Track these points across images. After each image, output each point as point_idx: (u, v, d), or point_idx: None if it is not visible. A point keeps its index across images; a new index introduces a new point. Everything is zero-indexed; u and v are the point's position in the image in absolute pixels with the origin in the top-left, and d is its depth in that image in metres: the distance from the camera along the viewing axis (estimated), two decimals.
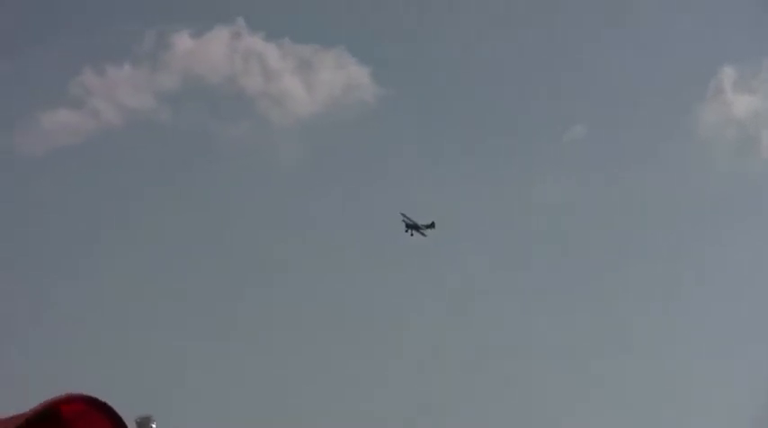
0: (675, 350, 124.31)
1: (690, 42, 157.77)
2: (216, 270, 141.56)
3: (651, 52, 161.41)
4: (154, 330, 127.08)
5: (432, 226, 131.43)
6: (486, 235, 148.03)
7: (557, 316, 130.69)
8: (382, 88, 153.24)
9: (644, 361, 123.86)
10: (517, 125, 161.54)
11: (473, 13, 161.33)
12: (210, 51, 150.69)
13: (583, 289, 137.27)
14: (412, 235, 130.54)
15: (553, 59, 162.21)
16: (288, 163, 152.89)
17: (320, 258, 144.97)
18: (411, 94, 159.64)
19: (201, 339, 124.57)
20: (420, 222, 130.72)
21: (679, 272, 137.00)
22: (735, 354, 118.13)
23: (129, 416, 21.97)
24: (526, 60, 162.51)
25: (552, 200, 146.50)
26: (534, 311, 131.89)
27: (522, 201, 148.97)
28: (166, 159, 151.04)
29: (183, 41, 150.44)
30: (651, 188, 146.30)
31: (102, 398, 21.13)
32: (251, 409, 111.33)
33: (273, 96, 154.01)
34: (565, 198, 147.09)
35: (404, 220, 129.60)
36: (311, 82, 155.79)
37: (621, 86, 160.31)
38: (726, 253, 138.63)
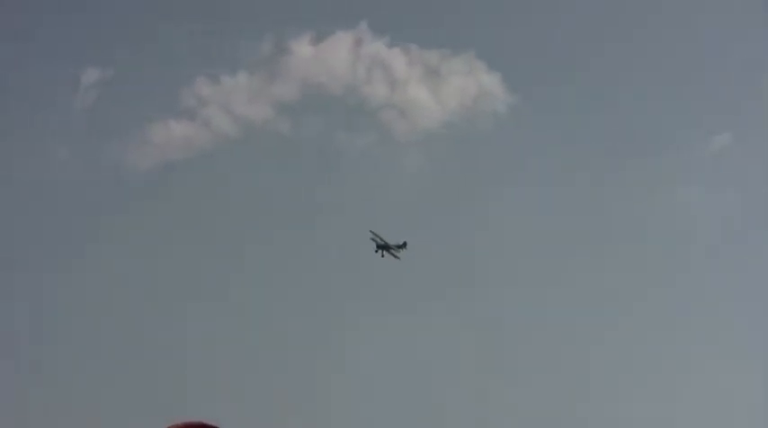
0: None
1: None
2: (340, 282, 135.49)
3: None
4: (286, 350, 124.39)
5: (403, 246, 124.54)
6: (635, 242, 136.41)
7: None
8: (514, 95, 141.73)
9: None
10: (659, 132, 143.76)
11: (609, 17, 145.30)
12: (331, 58, 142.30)
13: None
14: (383, 255, 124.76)
15: (692, 63, 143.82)
16: (413, 176, 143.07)
17: (449, 272, 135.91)
18: (544, 102, 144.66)
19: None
20: (391, 242, 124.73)
21: None
22: None
23: None
24: (665, 65, 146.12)
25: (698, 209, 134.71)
26: None
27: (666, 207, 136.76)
28: (284, 172, 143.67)
29: (301, 48, 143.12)
30: None
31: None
32: None
33: (398, 106, 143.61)
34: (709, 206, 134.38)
35: (373, 239, 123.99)
36: (439, 90, 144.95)
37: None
38: None
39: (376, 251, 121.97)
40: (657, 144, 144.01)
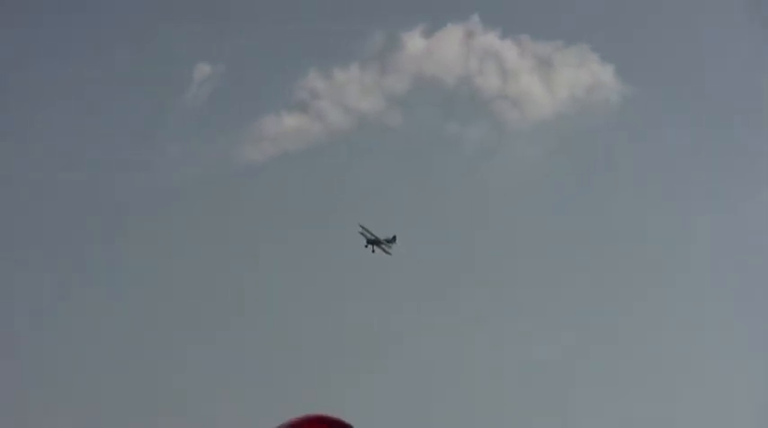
0: None
1: None
2: (449, 273, 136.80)
3: None
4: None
5: (393, 240, 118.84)
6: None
7: None
8: (627, 87, 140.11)
9: None
10: None
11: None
12: (443, 51, 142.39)
13: None
14: (374, 251, 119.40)
15: None
16: (526, 168, 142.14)
17: (558, 265, 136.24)
18: (658, 93, 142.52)
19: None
20: (381, 236, 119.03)
21: None
22: None
23: None
24: None
25: None
26: None
27: None
28: (397, 164, 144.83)
29: (413, 41, 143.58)
30: None
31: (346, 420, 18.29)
32: None
33: (510, 97, 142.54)
34: None
35: (362, 233, 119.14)
36: (551, 81, 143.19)
37: None
38: None
39: (366, 246, 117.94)
40: None
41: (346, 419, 20.74)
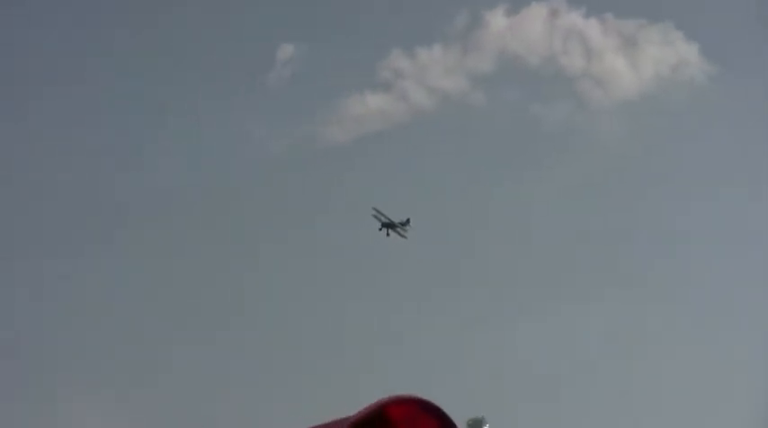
0: None
1: None
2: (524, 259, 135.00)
3: None
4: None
5: (407, 223, 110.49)
6: None
7: None
8: (713, 66, 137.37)
9: None
10: None
11: None
12: (527, 30, 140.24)
13: None
14: (388, 234, 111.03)
15: None
16: (611, 148, 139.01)
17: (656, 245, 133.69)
18: (743, 73, 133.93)
19: None
20: (395, 219, 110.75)
21: None
22: None
23: (458, 418, 18.33)
24: None
25: None
26: None
27: None
28: (480, 144, 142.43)
29: (497, 20, 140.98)
30: None
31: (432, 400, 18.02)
32: None
33: (595, 76, 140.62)
34: None
35: (376, 217, 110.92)
36: (636, 59, 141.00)
37: None
38: None
39: (380, 229, 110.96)
40: None
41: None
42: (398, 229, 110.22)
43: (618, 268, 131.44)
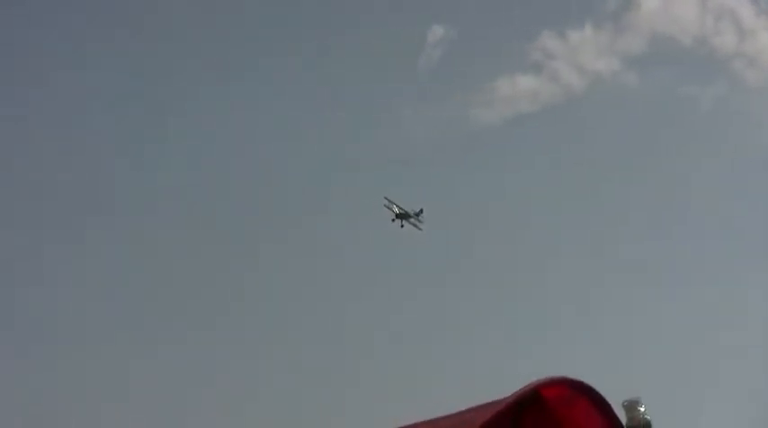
0: None
1: None
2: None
3: None
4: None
5: (420, 213, 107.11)
6: None
7: None
8: None
9: None
10: None
11: None
12: (679, 10, 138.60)
13: None
14: (402, 226, 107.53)
15: None
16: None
17: None
18: None
19: None
20: (409, 209, 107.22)
21: None
22: None
23: (612, 400, 17.88)
24: None
25: None
26: None
27: None
28: (632, 125, 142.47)
29: (648, 1, 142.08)
30: None
31: (586, 381, 17.50)
32: None
33: (748, 55, 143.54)
34: None
35: (388, 207, 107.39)
36: None
37: None
38: None
39: (393, 220, 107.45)
40: None
41: None
42: (413, 220, 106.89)
43: None
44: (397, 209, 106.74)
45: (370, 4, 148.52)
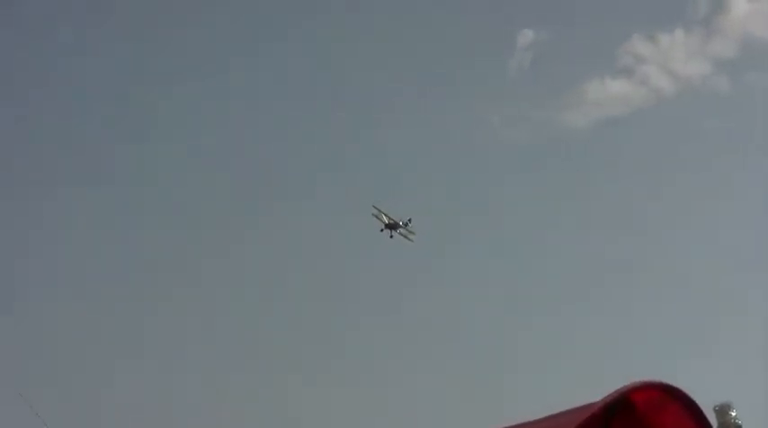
0: None
1: None
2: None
3: None
4: None
5: (409, 222, 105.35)
6: None
7: None
8: None
9: None
10: None
11: None
12: None
13: None
14: (392, 236, 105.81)
15: None
16: None
17: None
18: None
19: None
20: (398, 219, 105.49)
21: None
22: None
23: (704, 404, 17.65)
24: None
25: None
26: None
27: None
28: (724, 130, 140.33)
29: (739, 3, 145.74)
30: None
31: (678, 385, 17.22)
32: None
33: None
34: None
35: (376, 216, 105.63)
36: None
37: None
38: None
39: (382, 230, 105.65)
40: None
41: None
42: (401, 231, 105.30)
43: None
44: (386, 219, 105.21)
45: (464, 7, 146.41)
